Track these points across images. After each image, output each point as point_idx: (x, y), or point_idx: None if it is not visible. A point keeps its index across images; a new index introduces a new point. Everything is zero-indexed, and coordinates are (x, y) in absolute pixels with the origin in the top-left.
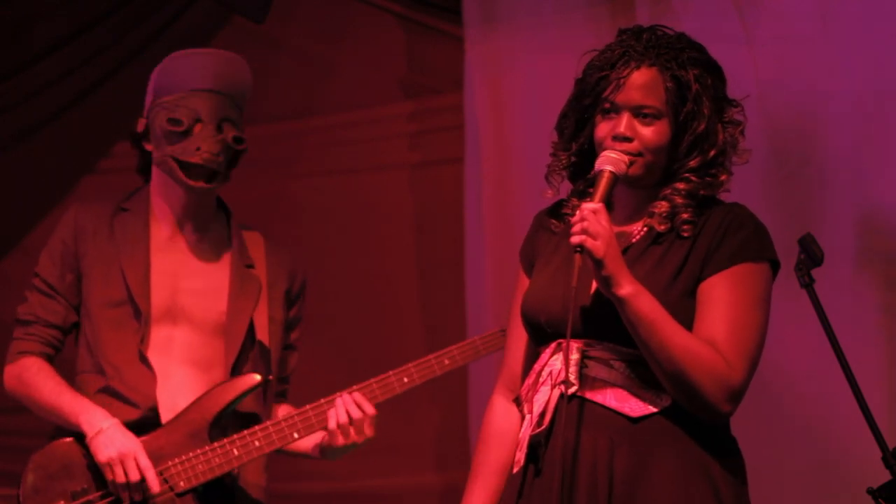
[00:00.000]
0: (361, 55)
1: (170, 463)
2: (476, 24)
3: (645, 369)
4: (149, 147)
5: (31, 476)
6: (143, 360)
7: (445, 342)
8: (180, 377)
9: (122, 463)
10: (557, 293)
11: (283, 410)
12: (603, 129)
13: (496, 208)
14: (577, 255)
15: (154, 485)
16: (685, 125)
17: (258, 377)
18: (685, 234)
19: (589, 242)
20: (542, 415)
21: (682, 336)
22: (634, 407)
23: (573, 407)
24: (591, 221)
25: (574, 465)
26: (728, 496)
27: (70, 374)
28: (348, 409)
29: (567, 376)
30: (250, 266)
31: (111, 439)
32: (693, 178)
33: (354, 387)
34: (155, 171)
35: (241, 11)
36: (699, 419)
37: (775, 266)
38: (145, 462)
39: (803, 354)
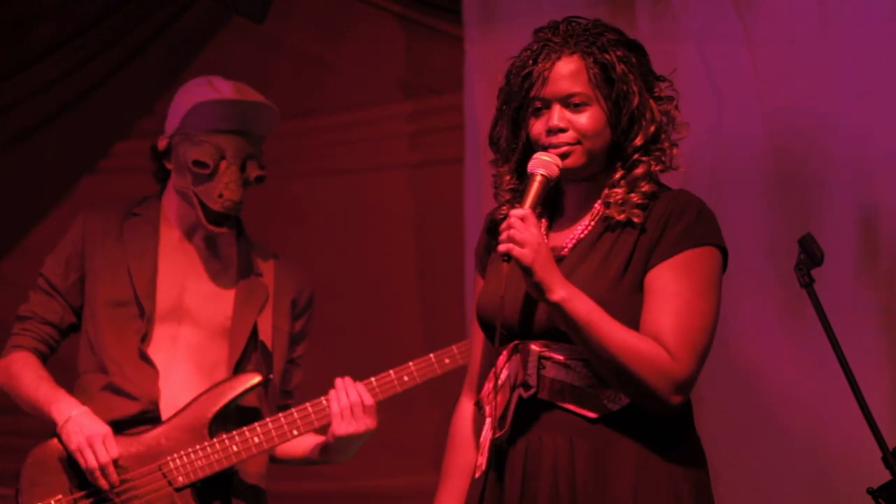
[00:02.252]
0: (361, 55)
1: (168, 458)
2: (476, 24)
3: None
4: (169, 166)
5: (28, 470)
6: (144, 357)
7: (445, 341)
8: (183, 376)
9: (91, 446)
10: (509, 296)
11: None
12: (536, 126)
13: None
14: (505, 264)
15: (112, 474)
16: (618, 106)
17: (259, 376)
18: (636, 220)
19: (516, 251)
20: (503, 418)
21: (621, 334)
22: (592, 407)
23: (533, 409)
24: (518, 229)
25: (535, 469)
26: (689, 495)
27: (71, 377)
28: (347, 390)
29: (525, 378)
30: (258, 275)
31: (79, 426)
32: (643, 158)
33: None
34: (172, 185)
35: (241, 11)
36: (659, 419)
37: (723, 250)
38: (113, 448)
39: (803, 354)
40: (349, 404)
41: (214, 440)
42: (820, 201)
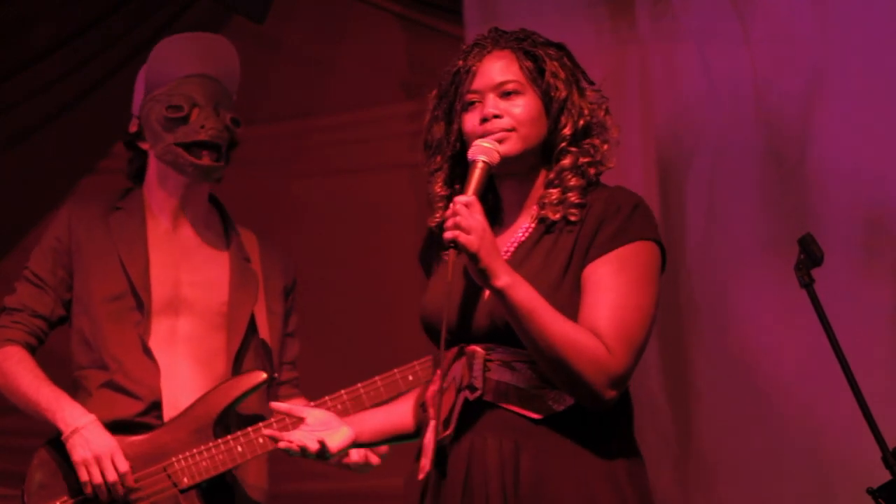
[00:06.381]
0: (361, 55)
1: (173, 459)
2: (476, 24)
3: None
4: (144, 146)
5: (36, 472)
6: (147, 351)
7: None
8: (183, 370)
9: (99, 463)
10: (452, 300)
11: (297, 403)
12: (470, 119)
13: None
14: (452, 251)
15: (120, 490)
16: (549, 96)
17: (264, 375)
18: (573, 219)
19: (462, 237)
20: (448, 420)
21: (562, 324)
22: (537, 408)
23: (478, 411)
24: (464, 216)
25: (480, 469)
26: (632, 497)
27: (58, 371)
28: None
29: (470, 380)
30: (247, 259)
31: (86, 439)
32: (572, 149)
33: (326, 397)
34: (151, 168)
35: (241, 11)
36: (602, 419)
37: (660, 245)
38: (123, 464)
39: (803, 354)
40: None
41: (219, 441)
42: (818, 200)
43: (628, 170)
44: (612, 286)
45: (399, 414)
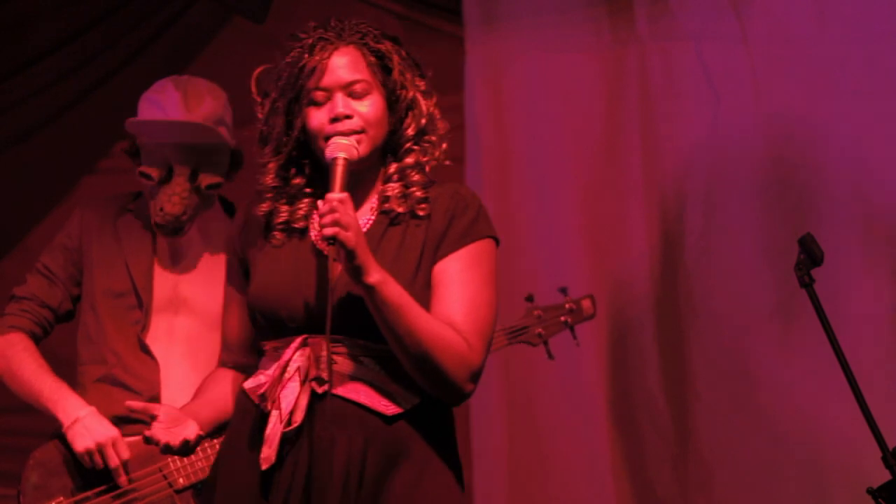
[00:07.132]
0: None
1: (169, 459)
2: (476, 24)
3: (395, 365)
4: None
5: (31, 473)
6: (144, 347)
7: None
8: (181, 367)
9: (102, 450)
10: (299, 287)
11: None
12: (317, 117)
13: (496, 208)
14: (331, 248)
15: (122, 479)
16: (395, 94)
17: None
18: (421, 213)
19: (341, 234)
20: (292, 412)
21: (427, 321)
22: (387, 405)
23: (325, 404)
24: (341, 212)
25: (326, 464)
26: (457, 499)
27: (59, 372)
28: None
29: (318, 373)
30: None
31: (87, 428)
32: (414, 147)
33: None
34: None
35: (241, 11)
36: (444, 419)
37: (497, 242)
38: (125, 452)
39: (803, 354)
40: None
41: (215, 441)
42: (817, 199)
43: (627, 169)
44: (466, 281)
45: (222, 402)
